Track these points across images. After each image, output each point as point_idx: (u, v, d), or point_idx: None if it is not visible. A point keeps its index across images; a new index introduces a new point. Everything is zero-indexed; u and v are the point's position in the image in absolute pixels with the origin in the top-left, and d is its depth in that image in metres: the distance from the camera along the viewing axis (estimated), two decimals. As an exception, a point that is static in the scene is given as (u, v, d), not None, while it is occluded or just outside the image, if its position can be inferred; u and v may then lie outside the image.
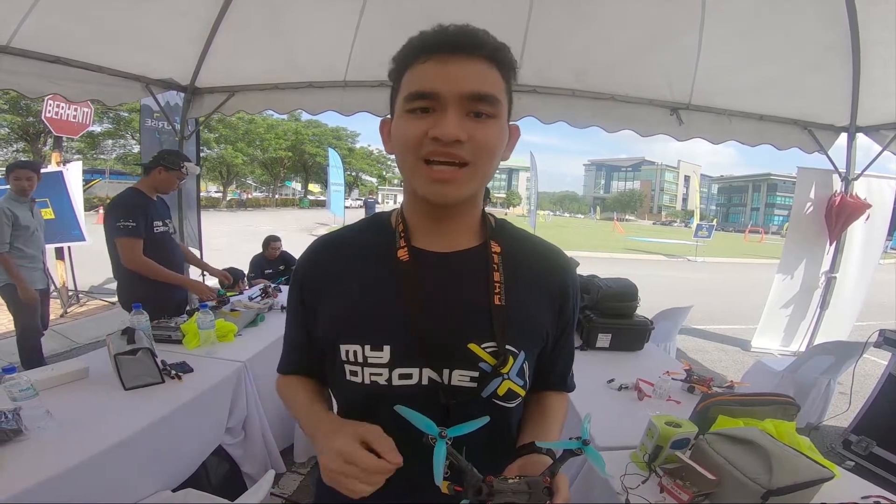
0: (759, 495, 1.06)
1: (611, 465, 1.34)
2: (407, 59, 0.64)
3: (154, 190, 2.60)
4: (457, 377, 0.68)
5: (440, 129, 0.59)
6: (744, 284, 11.02)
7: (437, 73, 0.60)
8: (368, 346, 0.67)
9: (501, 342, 0.68)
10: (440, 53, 0.60)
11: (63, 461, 1.25)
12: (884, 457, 2.58)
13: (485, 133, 0.62)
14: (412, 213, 0.73)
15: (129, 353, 1.69)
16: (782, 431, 1.32)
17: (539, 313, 0.74)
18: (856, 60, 3.52)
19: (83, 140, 22.24)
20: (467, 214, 0.73)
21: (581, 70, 3.72)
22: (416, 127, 0.61)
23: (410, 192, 0.71)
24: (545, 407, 0.83)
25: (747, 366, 4.00)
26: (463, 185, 0.63)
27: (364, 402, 0.70)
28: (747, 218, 77.55)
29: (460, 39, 0.61)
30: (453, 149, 0.60)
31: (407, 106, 0.62)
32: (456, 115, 0.60)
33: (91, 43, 3.26)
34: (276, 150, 35.87)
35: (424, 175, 0.62)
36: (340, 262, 0.74)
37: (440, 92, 0.60)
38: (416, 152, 0.62)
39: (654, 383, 1.91)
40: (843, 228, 4.25)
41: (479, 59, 0.61)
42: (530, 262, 0.76)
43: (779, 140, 4.05)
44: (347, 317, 0.70)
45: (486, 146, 0.62)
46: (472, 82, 0.60)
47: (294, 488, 2.33)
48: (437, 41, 0.61)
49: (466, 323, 0.69)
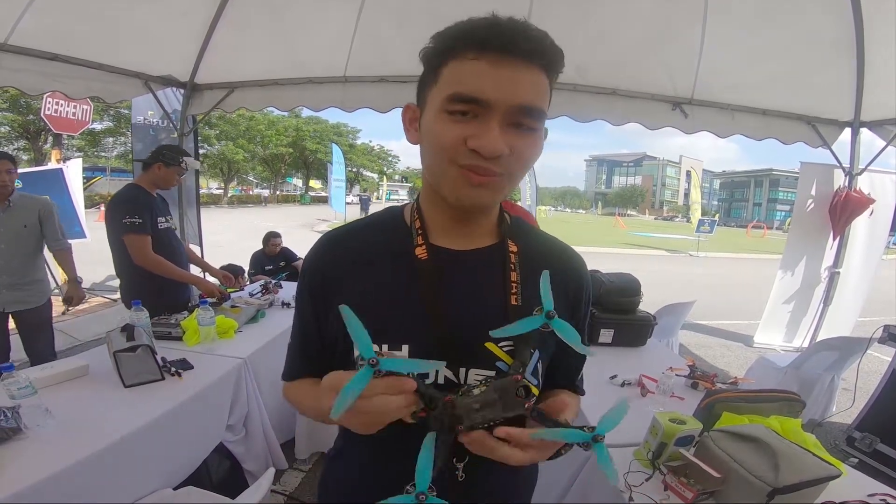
0: (765, 493, 1.04)
1: (614, 462, 1.32)
2: (454, 49, 0.57)
3: (154, 186, 2.57)
4: (473, 376, 0.66)
5: (484, 144, 0.55)
6: (746, 280, 11.00)
7: (488, 76, 0.54)
8: (386, 346, 0.65)
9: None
10: (494, 53, 0.54)
11: (63, 459, 1.24)
12: (888, 454, 2.56)
13: (527, 147, 0.59)
14: (432, 210, 0.70)
15: (129, 351, 1.67)
16: (788, 428, 1.31)
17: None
18: (860, 55, 3.48)
19: (84, 138, 22.23)
20: (489, 214, 0.72)
21: (582, 65, 3.69)
22: (455, 131, 0.56)
23: (433, 191, 0.67)
24: (557, 396, 0.78)
25: (750, 361, 3.99)
26: (495, 192, 0.61)
27: None
28: (749, 213, 77.44)
29: (519, 41, 0.54)
30: (493, 165, 0.57)
31: (448, 106, 0.57)
32: (500, 127, 0.56)
33: (90, 40, 3.24)
34: (276, 147, 35.86)
35: (458, 177, 0.59)
36: (354, 259, 0.71)
37: (490, 100, 0.55)
38: (451, 158, 0.58)
39: (658, 380, 1.89)
40: (847, 223, 4.23)
41: (534, 67, 0.56)
42: (547, 262, 0.73)
43: (784, 134, 4.03)
44: (364, 315, 0.65)
45: (526, 160, 0.60)
46: (525, 94, 0.55)
47: (296, 485, 2.33)
48: (494, 37, 0.54)
49: (483, 322, 0.66)
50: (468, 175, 0.58)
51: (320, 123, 39.05)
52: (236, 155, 31.69)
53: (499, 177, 0.58)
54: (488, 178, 0.58)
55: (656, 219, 75.76)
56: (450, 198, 0.62)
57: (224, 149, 31.35)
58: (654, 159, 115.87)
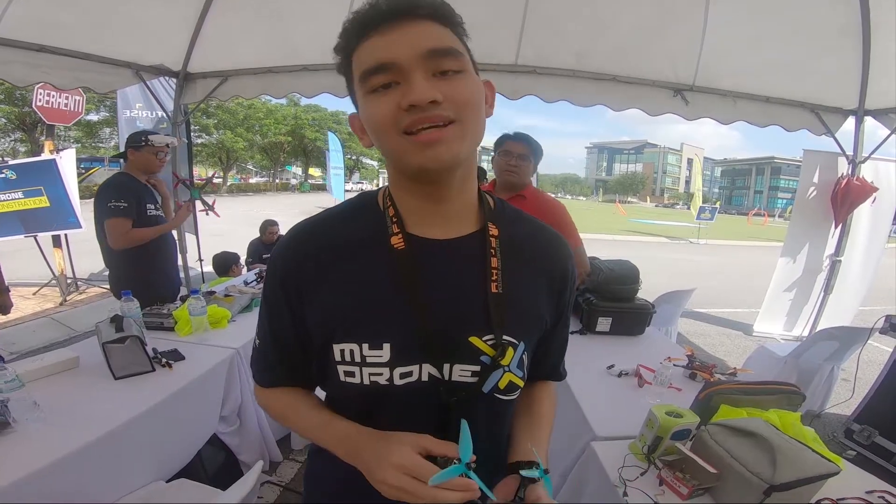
0: (762, 490, 1.02)
1: (608, 455, 1.31)
2: (350, 44, 0.60)
3: (141, 173, 2.52)
4: (458, 372, 0.65)
5: (412, 96, 0.54)
6: (747, 267, 10.97)
7: (383, 45, 0.56)
8: (367, 345, 0.63)
9: (499, 332, 0.65)
10: (381, 25, 0.56)
11: (53, 453, 1.23)
12: (886, 447, 2.54)
13: (458, 87, 0.57)
14: (402, 195, 0.67)
15: (118, 342, 1.65)
16: (787, 422, 1.28)
17: (538, 300, 0.71)
18: (866, 43, 3.43)
19: (80, 129, 22.06)
20: (463, 190, 0.67)
21: (582, 52, 3.63)
22: (385, 104, 0.57)
23: (398, 173, 0.66)
24: (535, 407, 0.81)
25: (750, 350, 3.98)
26: (454, 142, 0.58)
27: (363, 403, 0.67)
28: (750, 201, 77.33)
29: (398, 7, 0.56)
30: (432, 111, 0.55)
31: (367, 87, 0.58)
32: (422, 77, 0.55)
33: (78, 29, 3.17)
34: (275, 135, 35.63)
35: (411, 145, 0.57)
36: (326, 253, 0.67)
37: (395, 59, 0.55)
38: (395, 128, 0.57)
39: (655, 370, 1.86)
40: (850, 211, 4.18)
41: (423, 19, 0.57)
42: (531, 246, 0.72)
43: (787, 122, 3.97)
44: (341, 314, 0.65)
45: (465, 100, 0.58)
46: (424, 40, 0.56)
47: (292, 476, 2.33)
48: (374, 14, 0.57)
49: (466, 314, 0.65)
50: (419, 138, 0.56)
51: (319, 111, 38.75)
52: (236, 143, 31.49)
53: (447, 127, 0.56)
54: (438, 131, 0.56)
55: (657, 206, 75.68)
56: (412, 167, 0.59)
57: (223, 137, 31.13)
58: (655, 147, 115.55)
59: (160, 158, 2.57)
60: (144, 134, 2.53)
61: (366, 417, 0.66)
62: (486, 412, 0.69)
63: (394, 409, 0.66)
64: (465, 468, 0.56)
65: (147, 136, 2.49)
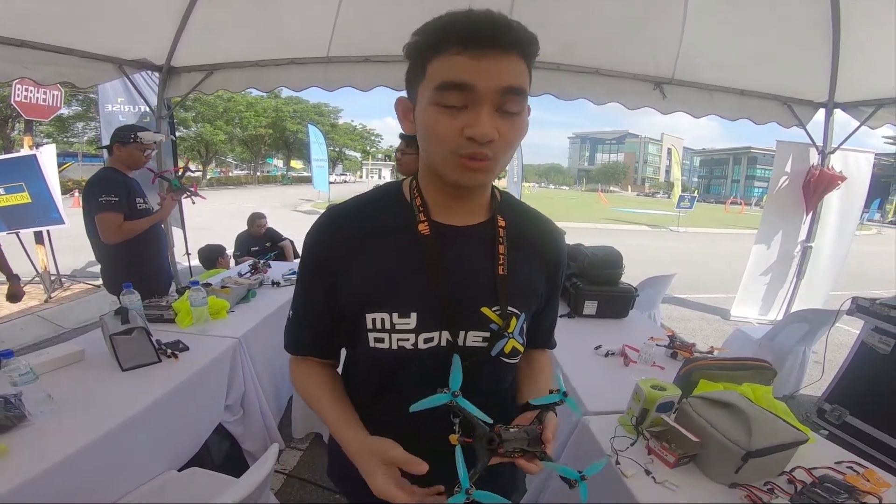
0: (740, 457, 1.13)
1: (600, 428, 1.41)
2: (437, 46, 0.63)
3: (126, 167, 2.52)
4: (471, 338, 0.77)
5: (476, 130, 0.62)
6: (724, 254, 11.27)
7: (472, 67, 0.61)
8: (396, 314, 0.74)
9: (504, 306, 0.78)
10: (475, 48, 0.60)
11: (70, 444, 1.25)
12: (856, 426, 2.62)
13: (512, 131, 0.66)
14: (429, 188, 0.78)
15: (125, 334, 1.68)
16: (759, 395, 1.40)
17: (536, 279, 0.85)
18: (836, 37, 3.56)
19: (52, 124, 21.34)
20: (482, 193, 0.80)
21: (569, 44, 3.69)
22: (451, 125, 0.64)
23: (432, 173, 0.74)
24: (535, 365, 0.95)
25: (727, 334, 4.11)
26: (490, 172, 0.69)
27: (391, 366, 0.78)
28: (728, 190, 78.65)
29: (496, 35, 0.60)
30: (486, 149, 0.64)
31: (438, 98, 0.64)
32: (489, 113, 0.63)
33: (59, 24, 3.11)
34: (256, 128, 35.03)
35: (457, 164, 0.66)
36: (359, 233, 0.77)
37: (475, 86, 0.61)
38: (452, 149, 0.65)
39: (640, 349, 1.98)
40: (819, 199, 4.38)
41: (511, 53, 0.62)
42: (530, 234, 0.85)
43: (758, 115, 4.13)
44: (374, 286, 0.75)
45: (512, 143, 0.67)
46: (505, 75, 0.62)
47: (294, 464, 2.38)
48: (472, 34, 0.60)
49: (478, 290, 0.77)
50: (465, 161, 0.66)
51: (300, 104, 38.18)
52: (216, 136, 30.89)
53: (490, 160, 0.66)
54: (480, 162, 0.66)
55: (638, 195, 76.59)
56: (450, 179, 0.70)
57: (202, 130, 30.49)
58: (637, 137, 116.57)
59: (146, 155, 2.58)
60: (133, 130, 2.53)
61: (393, 378, 0.79)
62: (492, 372, 0.82)
63: (416, 371, 0.77)
64: (452, 396, 0.65)
65: (136, 133, 2.50)
